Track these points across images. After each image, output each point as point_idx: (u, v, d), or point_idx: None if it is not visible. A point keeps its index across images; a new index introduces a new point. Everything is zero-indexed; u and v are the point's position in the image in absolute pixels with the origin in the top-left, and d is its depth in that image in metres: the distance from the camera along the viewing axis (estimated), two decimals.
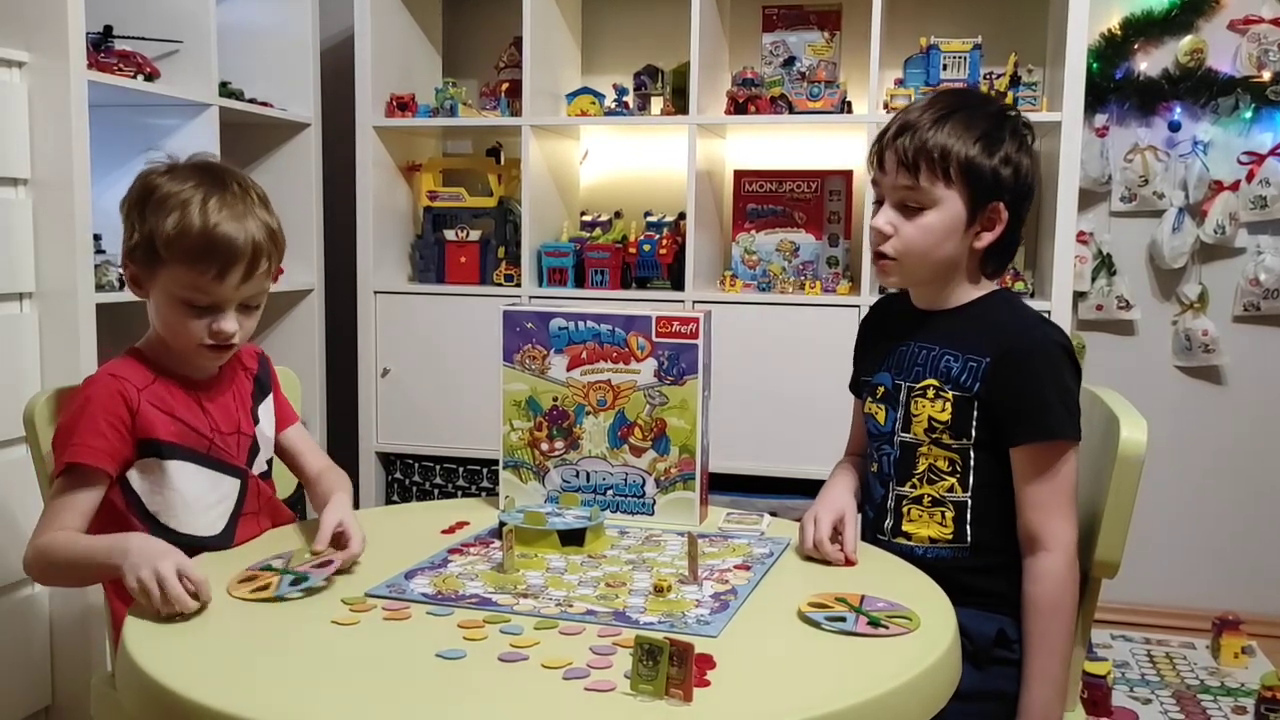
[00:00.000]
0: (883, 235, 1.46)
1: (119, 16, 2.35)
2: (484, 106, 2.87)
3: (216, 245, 1.34)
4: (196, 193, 1.36)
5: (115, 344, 2.31)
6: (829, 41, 2.76)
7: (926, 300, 1.53)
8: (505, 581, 1.26)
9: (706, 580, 1.28)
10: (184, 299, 1.37)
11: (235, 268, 1.36)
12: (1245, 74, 2.78)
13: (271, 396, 1.58)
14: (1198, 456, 2.91)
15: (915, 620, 1.16)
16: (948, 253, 1.45)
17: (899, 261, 1.46)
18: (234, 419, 1.49)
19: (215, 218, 1.35)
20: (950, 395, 1.44)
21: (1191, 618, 2.89)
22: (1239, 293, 2.85)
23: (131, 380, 1.40)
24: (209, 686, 0.98)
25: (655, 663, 0.97)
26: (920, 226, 1.44)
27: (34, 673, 2.10)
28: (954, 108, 1.45)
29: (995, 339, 1.43)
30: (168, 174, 1.41)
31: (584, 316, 1.54)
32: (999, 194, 1.44)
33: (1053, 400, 1.39)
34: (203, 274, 1.35)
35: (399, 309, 2.82)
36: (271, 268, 1.43)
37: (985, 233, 1.45)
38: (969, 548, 1.45)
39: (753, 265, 2.76)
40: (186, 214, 1.34)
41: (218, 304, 1.38)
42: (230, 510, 1.47)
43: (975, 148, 1.41)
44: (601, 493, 1.55)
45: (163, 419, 1.40)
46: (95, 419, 1.36)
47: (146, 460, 1.40)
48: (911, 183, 1.42)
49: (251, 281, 1.39)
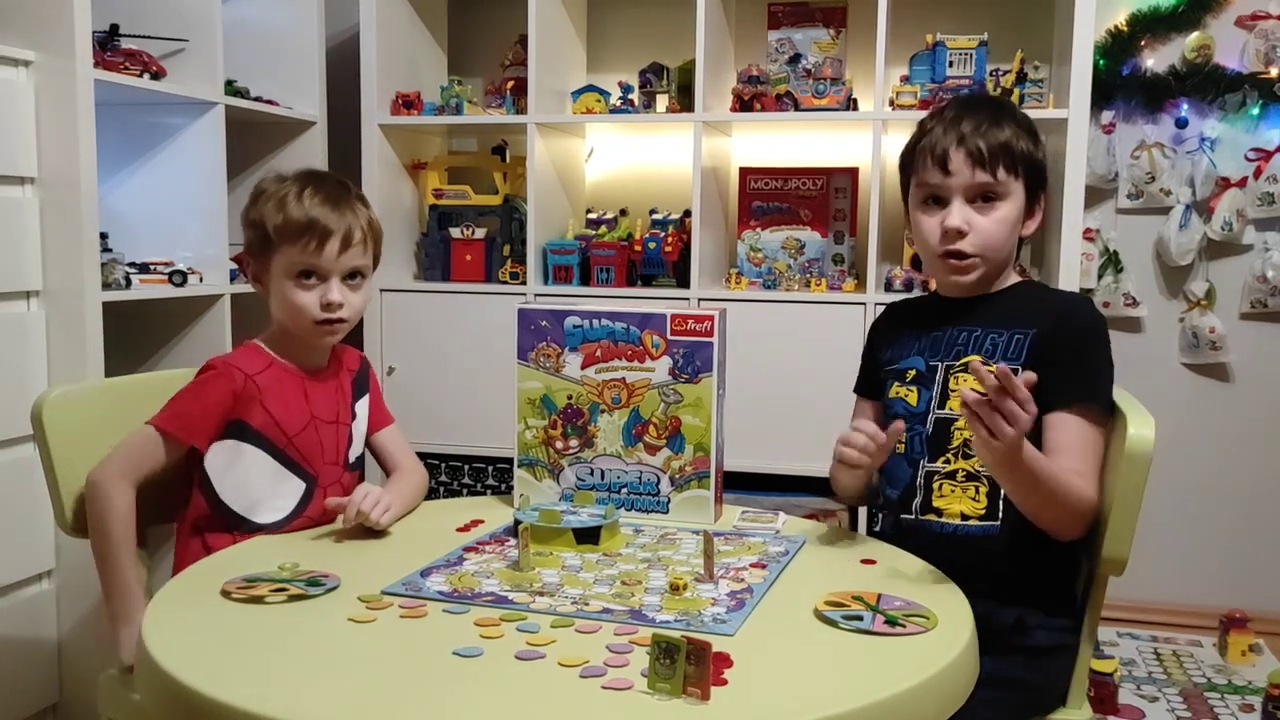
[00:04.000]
0: (959, 234, 1.50)
1: (125, 15, 2.35)
2: (489, 104, 2.86)
3: (315, 221, 1.56)
4: (295, 185, 1.59)
5: (121, 343, 2.32)
6: (834, 38, 2.76)
7: (966, 291, 1.57)
8: (521, 580, 1.26)
9: (722, 579, 1.28)
10: (295, 273, 1.57)
11: (333, 238, 1.56)
12: (1253, 70, 2.77)
13: (368, 396, 1.74)
14: (1205, 454, 2.91)
15: (932, 619, 1.15)
16: (1013, 243, 1.55)
17: (981, 257, 1.51)
18: (334, 408, 1.66)
19: (311, 201, 1.57)
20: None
21: (1199, 616, 2.89)
22: (1246, 289, 2.85)
23: (244, 367, 1.58)
24: (227, 683, 0.98)
25: (672, 661, 0.97)
26: (997, 220, 1.51)
27: (42, 669, 2.10)
28: (998, 108, 1.55)
29: (1044, 312, 1.50)
30: (274, 179, 1.63)
31: (598, 315, 1.54)
32: (1044, 184, 1.57)
33: (1102, 368, 1.47)
34: (306, 246, 1.56)
35: (404, 307, 2.81)
36: (369, 246, 1.62)
37: (1030, 221, 1.56)
38: (999, 525, 1.46)
39: (758, 263, 2.76)
40: (288, 201, 1.57)
41: (324, 274, 1.57)
42: (291, 508, 1.60)
43: (1028, 141, 1.52)
44: (616, 491, 1.55)
45: (259, 407, 1.57)
46: (198, 397, 1.56)
47: (227, 440, 1.57)
48: (989, 178, 1.49)
49: (350, 252, 1.58)
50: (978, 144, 1.48)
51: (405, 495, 1.60)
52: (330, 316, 1.58)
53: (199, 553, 1.53)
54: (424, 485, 1.70)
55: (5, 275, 1.99)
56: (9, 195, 2.01)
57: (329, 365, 1.68)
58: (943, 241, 1.51)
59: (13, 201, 2.01)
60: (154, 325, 2.48)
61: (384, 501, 1.48)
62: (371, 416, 1.74)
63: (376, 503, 1.47)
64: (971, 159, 1.48)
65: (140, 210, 2.44)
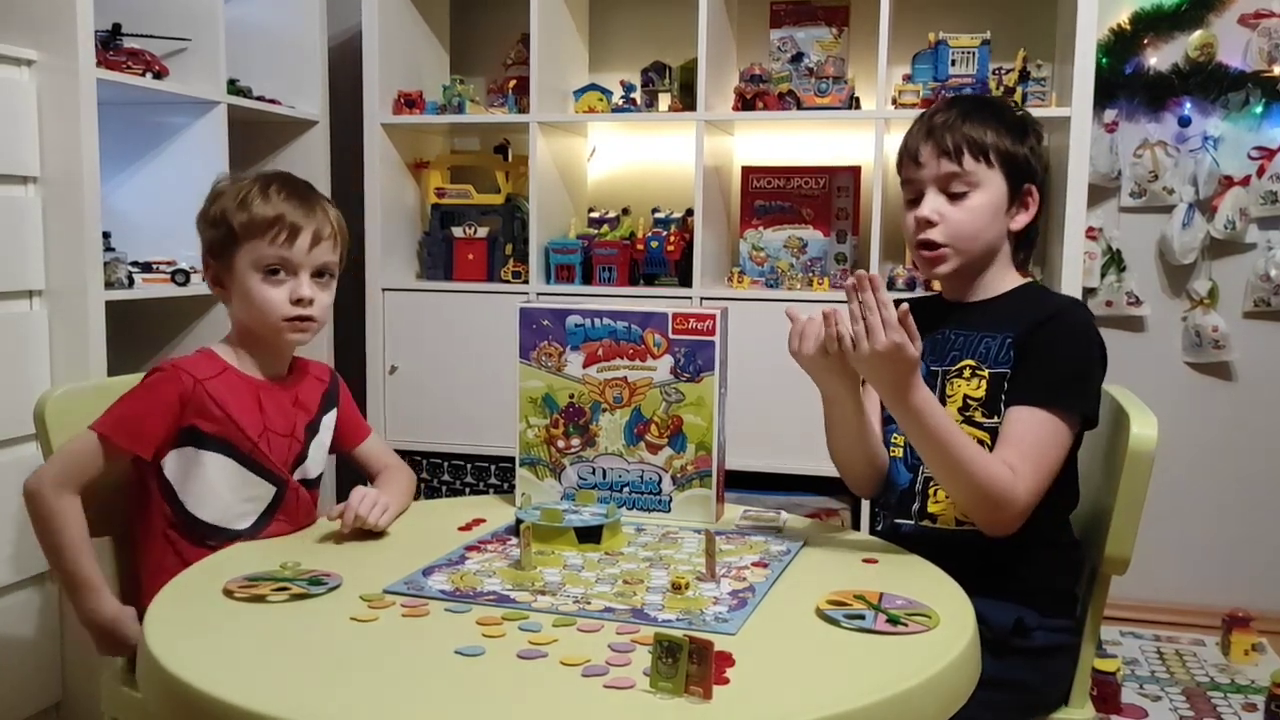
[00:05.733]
0: (928, 224, 1.50)
1: (127, 14, 2.35)
2: (491, 104, 2.86)
3: (284, 215, 1.51)
4: (258, 182, 1.55)
5: (124, 343, 2.32)
6: (837, 37, 2.75)
7: (961, 292, 1.57)
8: (523, 579, 1.26)
9: (724, 578, 1.27)
10: (264, 267, 1.52)
11: (303, 232, 1.52)
12: (1256, 69, 2.77)
13: (337, 410, 1.68)
14: (1208, 453, 2.90)
15: (934, 618, 1.15)
16: (992, 235, 1.52)
17: (950, 247, 1.51)
18: (290, 421, 1.58)
19: (278, 197, 1.53)
20: (986, 373, 1.48)
21: (1201, 615, 2.89)
22: (1249, 288, 2.85)
23: (193, 371, 1.50)
24: (230, 682, 0.98)
25: (675, 660, 0.97)
26: (967, 209, 1.50)
27: (44, 669, 2.10)
28: (978, 104, 1.54)
29: (1032, 314, 1.48)
30: (230, 179, 1.59)
31: (600, 314, 1.54)
32: (1032, 176, 1.53)
33: (1075, 373, 1.43)
34: (276, 240, 1.51)
35: (407, 306, 2.81)
36: (338, 245, 1.58)
37: (1021, 214, 1.53)
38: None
39: (760, 262, 2.76)
40: (253, 194, 1.53)
41: (294, 269, 1.53)
42: (261, 510, 1.55)
43: (1006, 136, 1.51)
44: (618, 490, 1.55)
45: (213, 412, 1.49)
46: (143, 402, 1.48)
47: (184, 449, 1.50)
48: (956, 168, 1.49)
49: (320, 247, 1.54)
50: (945, 135, 1.49)
51: (400, 493, 1.58)
52: (301, 313, 1.53)
53: (175, 565, 1.44)
54: (414, 482, 1.68)
55: (8, 274, 1.99)
56: (12, 194, 2.01)
57: (289, 375, 1.62)
58: (915, 232, 1.53)
59: (15, 201, 2.01)
60: (156, 324, 2.49)
61: (381, 503, 1.45)
62: (346, 431, 1.68)
63: (374, 504, 1.44)
64: (938, 149, 1.50)
65: (143, 209, 2.44)
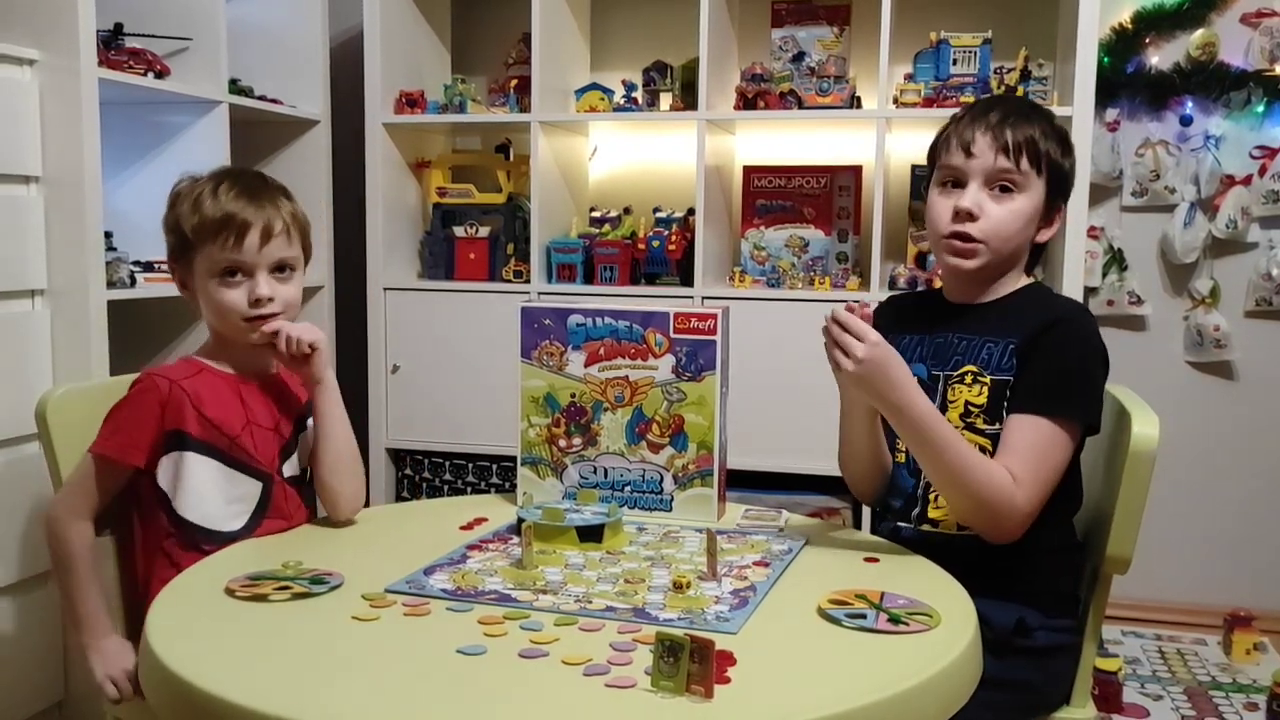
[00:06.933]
0: (969, 216, 1.48)
1: (129, 14, 2.35)
2: (493, 103, 2.87)
3: (232, 216, 1.50)
4: (210, 182, 1.54)
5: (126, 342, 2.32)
6: (838, 36, 2.75)
7: (969, 294, 1.55)
8: (524, 578, 1.26)
9: (726, 577, 1.27)
10: (219, 271, 1.52)
11: (251, 230, 1.50)
12: (1257, 68, 2.77)
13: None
14: (1209, 452, 2.90)
15: (936, 617, 1.15)
16: (1021, 240, 1.52)
17: (985, 244, 1.49)
18: (274, 416, 1.58)
19: (227, 196, 1.52)
20: (988, 380, 1.47)
21: (1203, 614, 2.89)
22: (1251, 288, 2.85)
23: (170, 375, 1.51)
24: (231, 681, 0.98)
25: (676, 659, 0.97)
26: (1011, 210, 1.49)
27: (47, 668, 2.10)
28: (1032, 108, 1.54)
29: (1036, 318, 1.46)
30: (189, 180, 1.58)
31: (602, 313, 1.54)
32: (1066, 193, 1.54)
33: (1077, 381, 1.42)
34: (225, 243, 1.50)
35: (408, 305, 2.82)
36: (294, 237, 1.57)
37: (1046, 229, 1.53)
38: None
39: (762, 261, 2.76)
40: (203, 199, 1.52)
41: (248, 269, 1.52)
42: (251, 510, 1.53)
43: (1057, 147, 1.51)
44: (619, 489, 1.55)
45: (192, 413, 1.50)
46: (126, 414, 1.50)
47: (172, 454, 1.50)
48: (1010, 165, 1.48)
49: (272, 244, 1.52)
50: (1004, 131, 1.48)
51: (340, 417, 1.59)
52: (261, 312, 1.52)
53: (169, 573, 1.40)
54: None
55: (9, 274, 1.99)
56: (13, 194, 2.01)
57: (277, 370, 1.62)
58: (952, 222, 1.50)
59: (17, 200, 2.01)
60: (158, 324, 2.49)
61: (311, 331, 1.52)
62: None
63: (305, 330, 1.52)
64: (996, 144, 1.48)
65: (144, 209, 2.42)
